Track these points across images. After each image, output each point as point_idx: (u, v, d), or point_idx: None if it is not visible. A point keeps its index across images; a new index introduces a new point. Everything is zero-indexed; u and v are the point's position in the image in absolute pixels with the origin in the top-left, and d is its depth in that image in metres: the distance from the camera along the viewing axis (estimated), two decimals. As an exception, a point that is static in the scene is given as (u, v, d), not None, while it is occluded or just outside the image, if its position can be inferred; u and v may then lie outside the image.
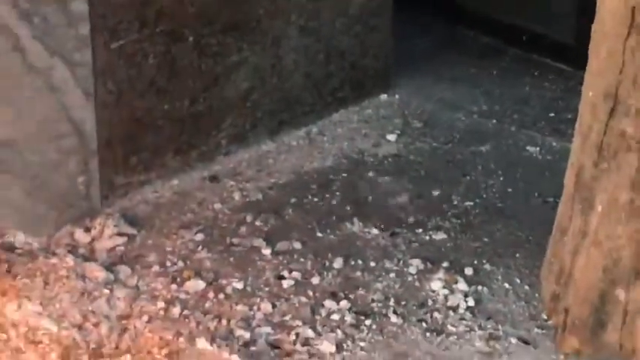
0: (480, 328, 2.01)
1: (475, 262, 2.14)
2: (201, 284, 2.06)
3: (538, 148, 2.47)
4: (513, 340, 1.95)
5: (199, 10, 2.25)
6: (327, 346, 1.91)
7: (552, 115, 2.56)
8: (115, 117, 2.18)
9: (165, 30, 2.20)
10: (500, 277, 2.11)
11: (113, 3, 2.11)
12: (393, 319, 2.02)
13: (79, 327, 1.94)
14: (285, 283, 2.08)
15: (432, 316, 2.04)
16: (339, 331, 1.98)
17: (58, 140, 2.14)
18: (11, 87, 2.09)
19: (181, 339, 1.94)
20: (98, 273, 2.06)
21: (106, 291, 2.03)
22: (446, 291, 2.10)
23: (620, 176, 1.79)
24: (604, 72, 1.78)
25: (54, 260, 2.09)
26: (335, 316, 2.02)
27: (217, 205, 2.29)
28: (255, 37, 2.34)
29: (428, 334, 2.00)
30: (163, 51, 2.21)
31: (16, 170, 2.12)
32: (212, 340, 1.93)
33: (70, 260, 2.09)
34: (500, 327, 2.01)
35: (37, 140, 2.13)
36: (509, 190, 2.35)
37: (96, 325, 1.95)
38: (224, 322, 1.98)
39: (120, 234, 2.17)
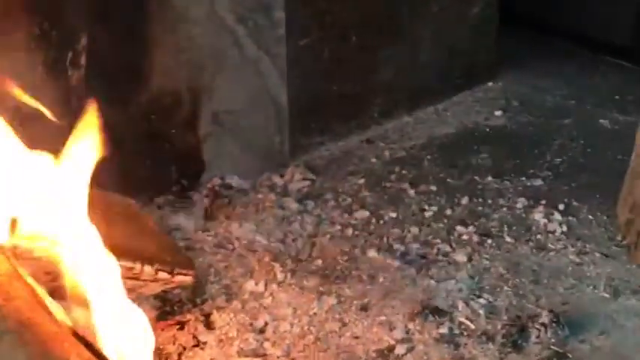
0: (572, 246, 1.94)
1: (566, 200, 2.07)
2: (366, 213, 2.04)
3: (608, 121, 2.41)
4: (597, 255, 1.90)
5: (361, 18, 2.24)
6: (460, 257, 1.91)
7: (617, 97, 2.49)
8: (301, 95, 2.18)
9: (336, 32, 2.21)
10: (585, 211, 2.05)
11: (301, 13, 2.12)
12: (508, 239, 1.96)
13: (282, 241, 1.95)
14: (426, 214, 2.04)
15: (536, 238, 1.96)
16: (468, 247, 1.93)
17: (262, 111, 2.16)
18: (232, 72, 2.11)
19: (356, 250, 1.93)
20: (292, 205, 2.06)
21: (299, 217, 2.02)
22: (545, 220, 2.01)
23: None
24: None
25: (260, 195, 2.10)
26: (465, 237, 1.97)
27: (373, 160, 2.27)
28: (399, 39, 2.34)
29: (534, 250, 1.93)
30: (334, 47, 2.21)
31: (234, 131, 2.14)
32: (378, 251, 1.91)
33: (272, 196, 2.09)
34: (587, 245, 1.93)
35: (247, 110, 2.14)
36: (589, 150, 2.29)
37: (294, 240, 1.95)
38: (385, 239, 1.96)
39: (304, 179, 2.16)
